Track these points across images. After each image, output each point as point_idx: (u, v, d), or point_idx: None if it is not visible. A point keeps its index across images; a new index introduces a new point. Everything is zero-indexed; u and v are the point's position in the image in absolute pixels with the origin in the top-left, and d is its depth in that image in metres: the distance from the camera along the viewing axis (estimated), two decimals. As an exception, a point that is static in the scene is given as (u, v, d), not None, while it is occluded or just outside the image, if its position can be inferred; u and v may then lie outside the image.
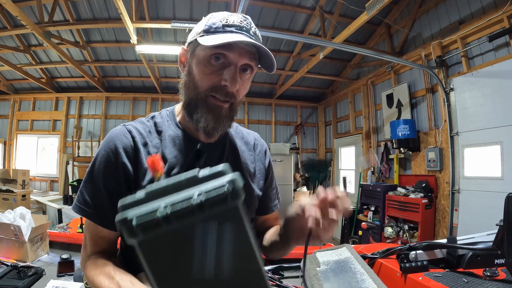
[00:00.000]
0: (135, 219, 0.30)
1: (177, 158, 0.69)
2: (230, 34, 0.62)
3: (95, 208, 0.66)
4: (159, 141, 0.70)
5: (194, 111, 0.67)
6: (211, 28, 0.63)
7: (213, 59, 0.63)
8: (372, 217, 4.36)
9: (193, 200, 0.30)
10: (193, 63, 0.66)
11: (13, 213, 1.45)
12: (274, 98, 6.70)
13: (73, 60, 5.05)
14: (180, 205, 0.30)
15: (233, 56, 0.63)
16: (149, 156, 0.45)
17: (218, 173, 0.33)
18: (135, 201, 0.32)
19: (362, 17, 3.28)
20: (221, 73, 0.63)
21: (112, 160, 0.66)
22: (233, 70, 0.63)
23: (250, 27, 0.65)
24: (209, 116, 0.66)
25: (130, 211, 0.31)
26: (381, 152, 4.77)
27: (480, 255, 1.00)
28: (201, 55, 0.64)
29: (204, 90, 0.65)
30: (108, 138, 0.68)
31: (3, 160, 6.17)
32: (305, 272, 0.95)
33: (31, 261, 1.34)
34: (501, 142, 2.95)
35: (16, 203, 4.49)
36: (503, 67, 2.92)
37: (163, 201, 0.31)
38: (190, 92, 0.68)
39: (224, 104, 0.66)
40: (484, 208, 3.02)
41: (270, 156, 0.90)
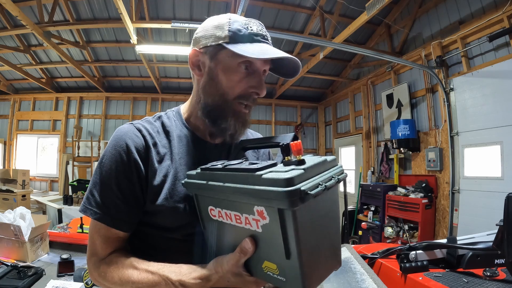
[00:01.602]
0: (309, 191, 0.42)
1: (185, 158, 0.69)
2: (262, 45, 0.64)
3: (109, 210, 0.63)
4: (168, 141, 0.70)
5: (221, 118, 0.67)
6: (237, 35, 0.63)
7: (242, 67, 0.65)
8: (372, 217, 4.36)
9: (334, 180, 0.47)
10: (219, 69, 0.66)
11: (13, 213, 1.45)
12: (274, 98, 6.70)
13: (73, 60, 5.05)
14: (330, 182, 0.46)
15: (259, 64, 0.66)
16: (293, 142, 0.49)
17: (333, 161, 0.53)
18: (299, 175, 0.43)
19: (362, 17, 3.28)
20: (248, 81, 0.66)
21: (124, 159, 0.64)
22: (260, 77, 0.67)
23: (268, 35, 0.68)
24: (238, 123, 0.68)
25: (299, 184, 0.42)
26: (381, 152, 4.77)
27: (480, 255, 1.00)
28: (229, 62, 0.65)
29: (234, 97, 0.66)
30: (117, 136, 0.66)
31: (3, 160, 6.17)
32: None
33: (31, 261, 1.34)
34: (501, 142, 2.95)
35: (16, 203, 4.49)
36: (503, 67, 2.92)
37: (317, 178, 0.46)
38: (215, 98, 0.67)
39: (247, 110, 0.69)
40: (484, 208, 3.02)
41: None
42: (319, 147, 6.99)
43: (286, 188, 0.40)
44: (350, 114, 5.83)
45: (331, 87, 6.69)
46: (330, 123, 6.77)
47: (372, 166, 5.06)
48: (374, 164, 5.01)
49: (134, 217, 0.66)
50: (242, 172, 0.49)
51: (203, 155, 0.71)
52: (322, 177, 0.46)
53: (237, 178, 0.48)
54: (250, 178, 0.46)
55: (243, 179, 0.47)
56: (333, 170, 0.49)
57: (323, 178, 0.45)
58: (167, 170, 0.66)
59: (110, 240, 0.65)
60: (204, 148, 0.72)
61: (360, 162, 5.44)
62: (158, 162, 0.66)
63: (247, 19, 0.67)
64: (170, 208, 0.65)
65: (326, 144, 6.93)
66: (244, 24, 0.65)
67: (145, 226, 0.68)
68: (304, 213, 0.43)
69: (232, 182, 0.49)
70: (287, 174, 0.42)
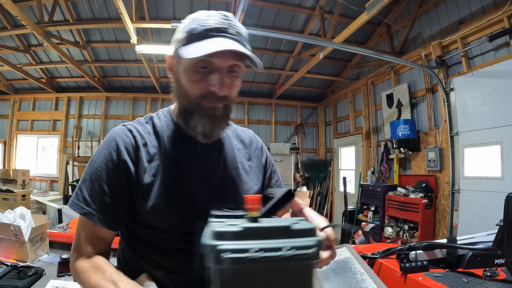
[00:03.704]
0: (228, 252, 0.34)
1: (176, 159, 0.70)
2: (211, 41, 0.61)
3: (96, 207, 0.64)
4: (158, 142, 0.70)
5: (190, 118, 0.68)
6: (191, 35, 0.64)
7: (198, 67, 0.63)
8: (372, 217, 4.36)
9: (284, 252, 0.35)
10: (181, 72, 0.67)
11: (13, 213, 1.45)
12: (274, 98, 6.70)
13: (73, 60, 5.05)
14: (271, 253, 0.34)
15: (218, 61, 0.63)
16: (249, 195, 0.45)
17: (308, 231, 0.38)
18: (231, 232, 0.36)
19: (362, 17, 3.28)
20: (208, 79, 0.64)
21: (114, 158, 0.66)
22: (219, 75, 0.64)
23: (230, 26, 0.64)
24: (205, 120, 0.67)
25: (223, 242, 0.35)
26: (381, 152, 4.77)
27: (480, 255, 1.00)
28: (187, 64, 0.64)
29: (196, 97, 0.66)
30: (109, 137, 0.68)
31: (3, 160, 6.17)
32: None
33: (31, 261, 1.34)
34: (501, 142, 2.95)
35: (16, 203, 4.49)
36: (503, 67, 2.92)
37: (256, 243, 0.35)
38: (183, 100, 0.68)
39: (217, 104, 0.67)
40: (484, 208, 3.02)
41: (267, 151, 0.91)
42: (319, 147, 6.99)
43: (208, 241, 0.35)
44: (350, 114, 5.83)
45: (331, 87, 6.69)
46: (330, 123, 6.76)
47: (372, 166, 5.06)
48: (374, 164, 5.01)
49: (119, 216, 0.67)
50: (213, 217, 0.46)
51: (195, 155, 0.72)
52: (266, 244, 0.35)
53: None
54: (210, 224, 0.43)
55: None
56: (294, 242, 0.36)
57: (266, 247, 0.35)
58: (157, 170, 0.67)
59: (94, 238, 0.65)
60: (195, 148, 0.72)
61: (360, 162, 5.44)
62: (148, 162, 0.67)
63: (211, 13, 0.66)
64: (160, 209, 0.65)
65: (326, 144, 6.93)
66: (201, 21, 0.64)
67: (141, 226, 0.69)
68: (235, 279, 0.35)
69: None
70: (221, 226, 0.37)
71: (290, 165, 5.93)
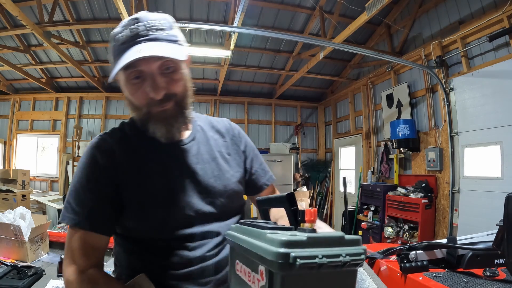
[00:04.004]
0: (299, 259, 0.37)
1: (154, 161, 0.71)
2: (127, 54, 0.62)
3: (85, 215, 0.64)
4: (133, 147, 0.72)
5: (146, 126, 0.70)
6: (115, 52, 0.66)
7: (131, 79, 0.65)
8: (372, 217, 4.36)
9: (342, 258, 0.40)
10: (124, 88, 0.69)
11: (13, 213, 1.45)
12: (274, 98, 6.70)
13: (73, 60, 5.05)
14: (333, 259, 0.39)
15: (143, 68, 0.64)
16: (308, 209, 0.48)
17: (356, 241, 0.44)
18: (297, 241, 0.40)
19: (362, 17, 3.28)
20: (144, 87, 0.65)
21: (95, 166, 0.68)
22: (150, 80, 0.65)
23: (145, 28, 0.65)
24: (159, 125, 0.69)
25: (293, 249, 0.38)
26: (381, 152, 4.77)
27: (480, 255, 1.00)
28: (123, 81, 0.68)
29: (143, 107, 0.68)
30: (88, 147, 0.71)
31: (3, 160, 6.16)
32: None
33: (31, 261, 1.34)
34: (501, 142, 2.95)
35: (16, 203, 4.49)
36: (503, 67, 2.92)
37: (319, 250, 0.40)
38: (136, 112, 0.70)
39: (165, 106, 0.67)
40: (484, 208, 3.02)
41: (246, 137, 0.91)
42: (319, 147, 6.99)
43: (277, 249, 0.38)
44: (350, 114, 5.82)
45: (331, 87, 6.69)
46: (330, 123, 6.76)
47: (372, 166, 5.06)
48: (374, 164, 5.01)
49: (110, 219, 0.68)
50: (257, 229, 0.48)
51: (170, 154, 0.74)
52: (327, 252, 0.40)
53: (253, 234, 0.48)
54: (260, 236, 0.45)
55: (257, 236, 0.47)
56: (347, 250, 0.42)
57: (328, 253, 0.40)
58: (136, 173, 0.69)
59: (87, 249, 0.65)
60: (169, 148, 0.74)
61: (360, 162, 5.44)
62: (127, 166, 0.69)
63: (122, 23, 0.67)
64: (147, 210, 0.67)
65: (326, 144, 6.93)
66: (116, 37, 0.66)
67: (130, 228, 0.70)
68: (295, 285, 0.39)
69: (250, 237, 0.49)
70: (286, 236, 0.40)
71: (290, 165, 5.92)
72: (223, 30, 4.12)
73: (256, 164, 0.88)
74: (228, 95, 6.55)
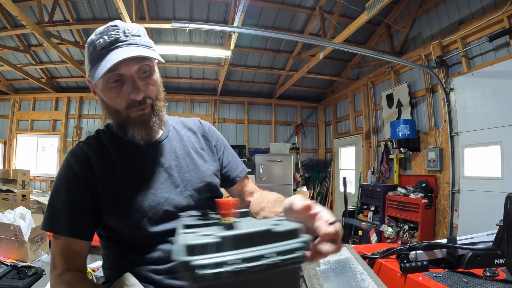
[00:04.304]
0: (202, 269, 0.29)
1: (129, 164, 0.74)
2: (108, 57, 0.64)
3: (65, 221, 0.66)
4: (111, 152, 0.74)
5: (125, 130, 0.73)
6: (92, 59, 0.68)
7: (111, 83, 0.67)
8: (372, 217, 4.36)
9: (269, 259, 0.31)
10: (101, 93, 0.71)
11: (13, 213, 1.45)
12: (274, 98, 6.70)
13: (73, 60, 5.04)
14: (254, 262, 0.30)
15: (123, 71, 0.66)
16: (224, 199, 0.44)
17: (291, 232, 0.34)
18: (205, 244, 0.31)
19: (362, 17, 3.28)
20: (124, 90, 0.68)
21: (72, 174, 0.70)
22: (130, 82, 0.67)
23: (123, 34, 0.67)
24: (139, 128, 0.72)
25: (198, 256, 0.30)
26: (381, 152, 4.77)
27: (480, 255, 1.00)
28: (101, 84, 0.69)
29: (123, 110, 0.70)
30: (66, 157, 0.74)
31: (3, 160, 6.16)
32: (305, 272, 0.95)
33: (31, 261, 1.34)
34: (501, 142, 2.95)
35: (16, 203, 4.49)
36: (503, 67, 2.92)
37: (235, 253, 0.31)
38: (113, 117, 0.73)
39: (143, 110, 0.71)
40: (484, 208, 3.02)
41: (216, 132, 0.94)
42: (319, 147, 6.99)
43: (181, 257, 0.31)
44: (350, 114, 5.83)
45: (331, 87, 6.69)
46: (330, 123, 6.76)
47: (372, 166, 5.06)
48: (374, 164, 5.01)
49: (88, 225, 0.69)
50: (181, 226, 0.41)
51: (145, 156, 0.76)
52: (246, 254, 0.31)
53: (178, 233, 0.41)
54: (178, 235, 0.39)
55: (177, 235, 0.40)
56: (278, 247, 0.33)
57: (246, 256, 0.31)
58: (114, 177, 0.71)
59: (68, 253, 0.67)
60: (144, 150, 0.76)
61: (360, 162, 5.44)
62: (103, 171, 0.71)
63: (100, 30, 0.69)
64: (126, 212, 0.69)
65: (326, 144, 6.93)
66: (95, 42, 0.67)
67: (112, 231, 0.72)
68: None
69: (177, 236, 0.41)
70: (194, 238, 0.32)
71: (290, 165, 5.92)
72: (223, 30, 4.12)
73: (227, 157, 0.91)
74: (228, 95, 6.55)
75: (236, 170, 0.92)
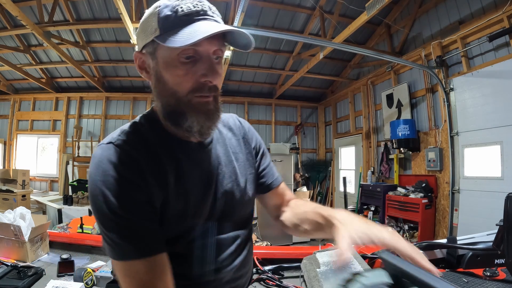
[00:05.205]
0: None
1: (177, 170, 0.62)
2: (194, 26, 0.54)
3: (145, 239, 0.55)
4: (154, 154, 0.61)
5: (182, 118, 0.59)
6: (167, 23, 0.55)
7: (183, 57, 0.56)
8: (372, 217, 4.36)
9: None
10: (161, 68, 0.58)
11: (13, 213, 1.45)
12: (274, 98, 6.70)
13: (73, 60, 5.05)
14: None
15: (202, 49, 0.57)
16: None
17: None
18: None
19: (362, 17, 3.29)
20: (197, 70, 0.57)
21: (123, 184, 0.55)
22: (209, 62, 0.58)
23: (208, 7, 0.58)
24: (201, 117, 0.59)
25: None
26: (381, 152, 4.77)
27: (480, 255, 1.00)
28: (168, 57, 0.57)
29: (186, 93, 0.58)
30: (103, 162, 0.56)
31: (3, 160, 6.17)
32: None
33: (31, 261, 1.34)
34: (501, 142, 2.95)
35: (16, 203, 4.49)
36: (503, 67, 2.92)
37: None
38: (169, 100, 0.60)
39: (209, 98, 0.60)
40: (484, 208, 3.02)
41: (254, 131, 0.86)
42: (319, 147, 6.99)
43: None
44: (350, 114, 5.83)
45: (331, 87, 6.69)
46: (330, 123, 6.77)
47: (372, 166, 5.06)
48: (374, 164, 5.02)
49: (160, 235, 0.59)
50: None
51: (190, 158, 0.65)
52: None
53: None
54: None
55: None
56: None
57: None
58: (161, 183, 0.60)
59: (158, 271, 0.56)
60: (189, 150, 0.66)
61: (360, 162, 5.44)
62: (154, 180, 0.59)
63: (176, 0, 0.57)
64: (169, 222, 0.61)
65: (326, 144, 6.93)
66: (173, 8, 0.55)
67: None
68: None
69: None
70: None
71: (290, 165, 5.91)
72: (223, 30, 4.11)
73: (265, 162, 0.83)
74: (228, 95, 6.55)
75: (273, 176, 0.83)
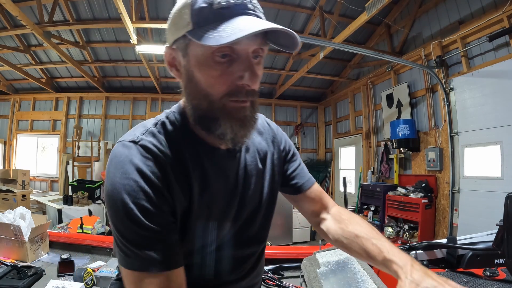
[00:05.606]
0: None
1: (202, 180, 0.57)
2: (234, 21, 0.47)
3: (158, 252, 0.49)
4: (179, 157, 0.55)
5: (214, 124, 0.53)
6: (201, 17, 0.48)
7: (218, 56, 0.49)
8: (372, 217, 4.36)
9: None
10: (193, 66, 0.52)
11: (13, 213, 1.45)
12: (274, 98, 6.71)
13: (73, 60, 5.05)
14: None
15: (243, 45, 0.49)
16: None
17: None
18: None
19: (362, 17, 3.28)
20: (233, 71, 0.50)
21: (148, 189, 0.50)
22: (248, 62, 0.51)
23: (249, 1, 0.50)
24: (235, 124, 0.53)
25: None
26: (381, 152, 4.77)
27: (480, 255, 1.00)
28: (201, 55, 0.50)
29: (220, 97, 0.51)
30: (125, 162, 0.51)
31: (3, 160, 6.17)
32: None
33: (31, 261, 1.34)
34: (501, 142, 2.95)
35: (16, 203, 4.49)
36: (503, 67, 2.92)
37: None
38: (201, 103, 0.53)
39: (246, 103, 0.53)
40: (484, 208, 3.02)
41: (283, 133, 0.80)
42: (319, 147, 6.99)
43: None
44: (350, 114, 5.83)
45: (331, 87, 6.69)
46: (330, 123, 6.77)
47: (372, 166, 5.06)
48: (374, 164, 5.02)
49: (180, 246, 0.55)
50: None
51: (217, 166, 0.60)
52: None
53: None
54: None
55: None
56: None
57: None
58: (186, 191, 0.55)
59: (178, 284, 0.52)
60: (217, 158, 0.60)
61: (360, 162, 5.44)
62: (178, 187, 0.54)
63: None
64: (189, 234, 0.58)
65: (326, 144, 6.93)
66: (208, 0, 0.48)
67: None
68: None
69: None
70: None
71: (290, 165, 5.92)
72: (223, 30, 4.11)
73: (295, 164, 0.78)
74: (228, 95, 6.55)
75: (304, 177, 0.77)
